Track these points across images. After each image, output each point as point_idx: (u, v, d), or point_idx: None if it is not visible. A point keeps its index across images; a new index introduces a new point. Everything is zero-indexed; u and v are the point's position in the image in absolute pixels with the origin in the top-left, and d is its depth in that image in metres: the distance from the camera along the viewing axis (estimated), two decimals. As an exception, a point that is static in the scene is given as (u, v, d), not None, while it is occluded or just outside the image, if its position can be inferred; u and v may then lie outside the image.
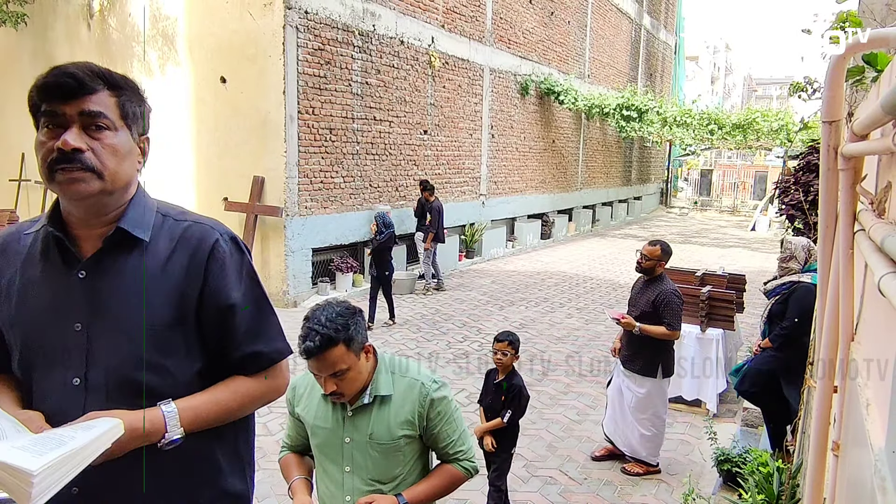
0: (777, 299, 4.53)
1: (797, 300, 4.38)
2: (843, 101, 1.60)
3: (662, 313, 4.35)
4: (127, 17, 9.95)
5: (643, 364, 4.49)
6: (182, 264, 1.51)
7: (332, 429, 2.11)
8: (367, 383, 2.05)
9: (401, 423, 2.06)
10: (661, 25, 27.12)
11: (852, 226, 1.50)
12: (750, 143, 16.91)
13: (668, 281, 4.48)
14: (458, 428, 2.15)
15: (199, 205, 9.76)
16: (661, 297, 4.37)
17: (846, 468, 1.46)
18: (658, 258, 4.45)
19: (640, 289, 4.58)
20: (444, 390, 2.13)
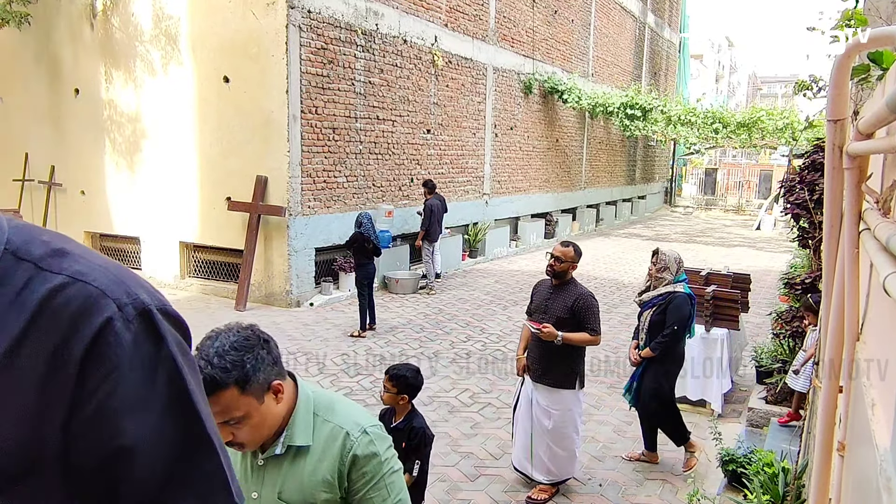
0: (655, 310, 4.58)
1: (675, 309, 4.49)
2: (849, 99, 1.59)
3: (584, 318, 4.12)
4: (130, 17, 9.96)
5: (561, 376, 4.17)
6: (38, 362, 0.74)
7: (239, 480, 1.73)
8: (281, 428, 1.68)
9: (317, 482, 1.67)
10: (666, 24, 27.05)
11: (857, 225, 1.49)
12: (755, 142, 16.85)
13: (580, 283, 4.30)
14: (389, 496, 1.71)
15: (202, 205, 9.78)
16: (580, 302, 4.14)
17: (851, 468, 1.45)
18: (571, 260, 4.23)
19: (550, 294, 4.27)
20: (375, 445, 1.70)
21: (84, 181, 10.98)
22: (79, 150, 10.91)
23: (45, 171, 11.25)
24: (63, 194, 11.26)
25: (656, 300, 4.59)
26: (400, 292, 10.50)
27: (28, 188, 11.55)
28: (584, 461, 4.82)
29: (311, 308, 9.29)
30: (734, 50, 71.66)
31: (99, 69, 10.43)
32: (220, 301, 9.53)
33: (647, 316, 4.63)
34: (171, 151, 9.92)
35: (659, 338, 4.51)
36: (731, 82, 71.63)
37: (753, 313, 8.60)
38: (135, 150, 10.31)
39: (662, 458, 4.91)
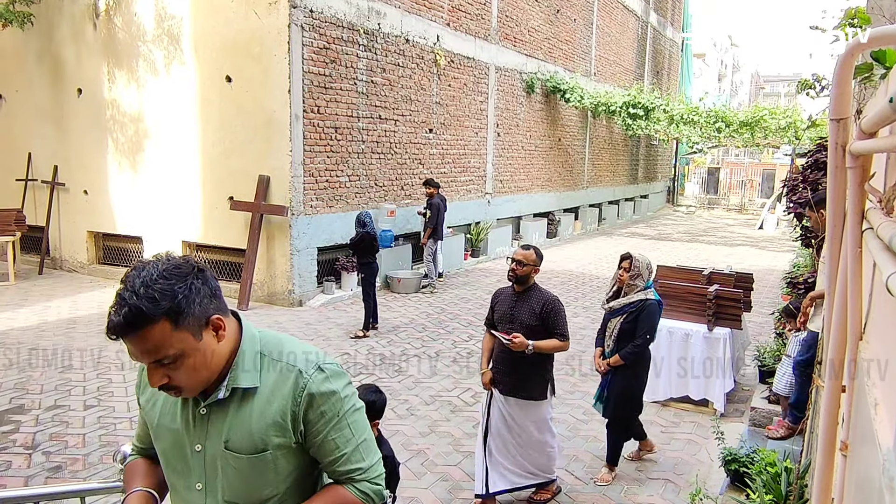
0: (626, 317, 4.42)
1: (648, 318, 4.37)
2: (852, 98, 1.59)
3: (552, 324, 3.93)
4: (132, 17, 9.98)
5: (535, 387, 3.98)
6: None
7: (180, 431, 1.57)
8: (224, 371, 1.52)
9: (267, 426, 1.52)
10: (668, 23, 27.01)
11: (860, 224, 1.49)
12: (758, 141, 16.82)
13: (543, 288, 4.07)
14: (353, 436, 1.60)
15: (205, 204, 9.79)
16: (548, 307, 3.94)
17: (854, 468, 1.45)
18: (534, 263, 3.98)
19: (514, 302, 4.03)
20: (333, 382, 1.57)
21: (87, 181, 11.00)
22: (82, 150, 10.92)
23: (48, 171, 11.27)
24: (66, 194, 11.28)
25: (628, 308, 4.43)
26: (402, 291, 10.50)
27: (31, 188, 11.57)
28: (587, 461, 4.82)
29: (313, 308, 9.29)
30: (737, 49, 71.53)
31: (102, 69, 10.44)
32: (222, 300, 9.52)
33: (616, 323, 4.47)
34: (173, 151, 9.93)
35: (630, 347, 4.36)
36: (734, 81, 71.49)
37: (756, 313, 8.59)
38: (137, 149, 10.32)
39: (665, 457, 4.91)
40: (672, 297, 5.90)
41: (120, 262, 11.18)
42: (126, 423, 5.23)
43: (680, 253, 15.42)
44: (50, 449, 4.77)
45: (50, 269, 11.48)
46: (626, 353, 4.38)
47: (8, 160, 11.78)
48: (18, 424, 5.16)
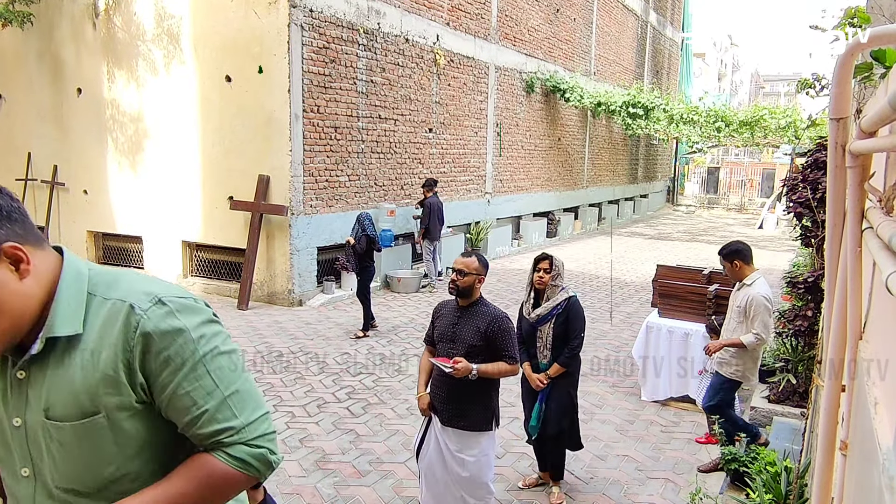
0: (555, 321, 4.08)
1: (577, 316, 4.11)
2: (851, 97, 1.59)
3: (500, 345, 3.42)
4: (132, 16, 9.97)
5: (477, 418, 3.45)
6: None
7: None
8: (35, 318, 1.19)
9: (96, 382, 1.20)
10: (668, 22, 27.00)
11: (860, 223, 1.49)
12: (757, 141, 16.82)
13: (490, 303, 3.57)
14: (217, 387, 1.24)
15: (205, 204, 9.79)
16: (495, 325, 3.42)
17: (854, 467, 1.45)
18: (477, 272, 3.47)
19: (457, 318, 3.52)
20: (179, 318, 1.23)
21: (87, 181, 10.99)
22: (81, 150, 10.92)
23: (47, 171, 11.27)
24: (66, 194, 11.28)
25: (555, 311, 4.09)
26: (402, 291, 10.50)
27: (31, 187, 11.57)
28: (587, 460, 4.82)
29: (313, 307, 9.29)
30: (737, 48, 71.52)
31: (101, 69, 10.44)
32: (222, 300, 9.54)
33: (548, 330, 4.11)
34: (173, 151, 9.93)
35: (568, 351, 4.08)
36: (734, 81, 71.49)
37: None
38: (137, 149, 10.32)
39: (665, 456, 4.91)
40: (672, 296, 5.91)
41: (120, 261, 11.18)
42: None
43: (680, 252, 15.42)
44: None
45: (50, 269, 11.46)
46: (567, 358, 4.09)
47: (8, 160, 11.78)
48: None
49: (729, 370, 4.55)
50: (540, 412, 4.14)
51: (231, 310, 8.99)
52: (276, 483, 4.32)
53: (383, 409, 5.67)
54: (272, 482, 4.32)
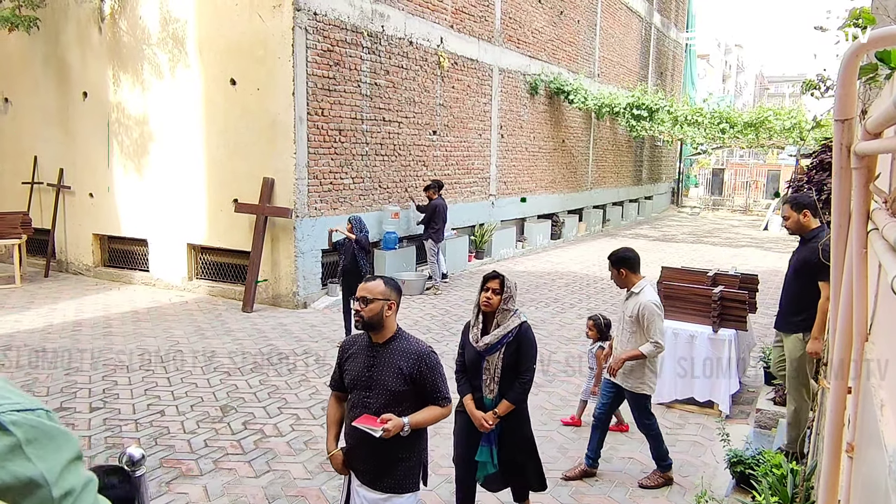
0: (506, 350, 3.50)
1: (530, 344, 3.57)
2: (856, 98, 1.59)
3: (431, 387, 2.85)
4: (137, 20, 10.02)
5: (404, 477, 2.88)
6: None
7: None
8: None
9: None
10: (672, 24, 26.98)
11: (866, 225, 1.49)
12: (762, 142, 16.78)
13: (411, 335, 2.98)
14: None
15: (210, 206, 9.82)
16: (421, 364, 2.82)
17: (861, 469, 1.45)
18: (385, 297, 2.84)
19: (372, 359, 2.85)
20: (29, 457, 0.77)
21: (92, 184, 11.04)
22: (87, 153, 10.97)
23: (53, 174, 11.32)
24: (71, 197, 11.33)
25: (506, 339, 3.49)
26: (406, 293, 10.50)
27: (37, 191, 11.63)
28: (592, 462, 4.80)
29: (317, 310, 9.30)
30: (741, 49, 71.38)
31: (107, 72, 10.49)
32: (227, 303, 9.56)
33: (496, 360, 3.50)
34: (178, 154, 9.96)
35: (519, 386, 3.51)
36: (738, 82, 71.34)
37: (761, 314, 8.55)
38: (142, 152, 10.36)
39: (671, 458, 4.88)
40: (677, 298, 5.89)
41: (125, 264, 11.22)
42: (132, 426, 5.24)
43: (684, 254, 15.38)
44: (56, 451, 4.78)
45: (56, 272, 11.52)
46: (519, 394, 3.51)
47: (14, 163, 11.84)
48: (25, 426, 5.17)
49: (633, 384, 4.42)
50: (492, 455, 3.53)
51: (236, 312, 9.01)
52: (280, 486, 4.32)
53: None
54: (277, 484, 4.33)
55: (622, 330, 4.51)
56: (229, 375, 6.45)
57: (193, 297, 9.92)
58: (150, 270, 10.72)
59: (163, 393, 5.94)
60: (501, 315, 3.53)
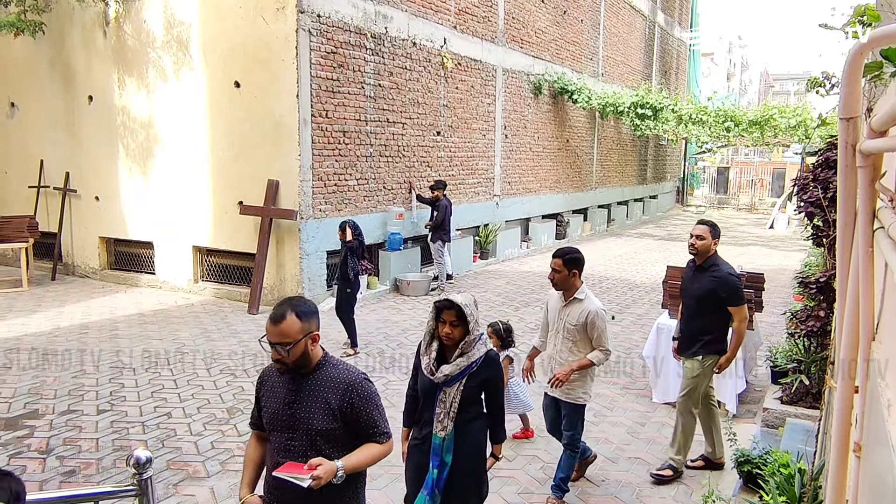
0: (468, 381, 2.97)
1: (498, 372, 3.08)
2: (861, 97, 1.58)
3: (367, 421, 2.41)
4: (142, 24, 10.06)
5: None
6: None
7: None
8: None
9: None
10: (676, 22, 26.91)
11: (872, 223, 1.48)
12: (767, 140, 16.72)
13: (339, 361, 2.50)
14: None
15: (215, 209, 9.85)
16: (353, 395, 2.38)
17: (868, 469, 1.44)
18: (308, 332, 2.35)
19: (293, 394, 2.39)
20: None
21: (98, 187, 11.09)
22: (93, 157, 11.02)
23: (59, 178, 11.37)
24: (78, 200, 11.38)
25: (469, 370, 2.96)
26: (412, 294, 10.51)
27: (43, 194, 11.68)
28: (598, 463, 4.80)
29: (323, 311, 9.32)
30: (745, 47, 71.14)
31: (112, 76, 10.54)
32: (232, 305, 9.58)
33: (454, 393, 2.96)
34: (183, 156, 10.00)
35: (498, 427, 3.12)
36: (743, 80, 71.11)
37: (767, 313, 8.53)
38: (148, 155, 10.40)
39: (677, 460, 4.87)
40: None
41: (132, 267, 11.26)
42: (139, 428, 5.26)
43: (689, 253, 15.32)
44: (64, 453, 4.81)
45: (62, 275, 11.58)
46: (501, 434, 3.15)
47: (20, 167, 11.90)
48: (33, 429, 5.21)
49: (575, 395, 4.11)
50: (434, 495, 2.95)
51: (241, 314, 9.03)
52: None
53: (394, 412, 5.66)
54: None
55: (559, 339, 4.12)
56: (235, 377, 6.47)
57: (199, 300, 9.95)
58: (156, 273, 10.76)
59: (169, 395, 5.96)
60: (466, 343, 2.97)
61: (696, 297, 4.50)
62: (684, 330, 4.65)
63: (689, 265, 4.68)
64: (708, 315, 4.45)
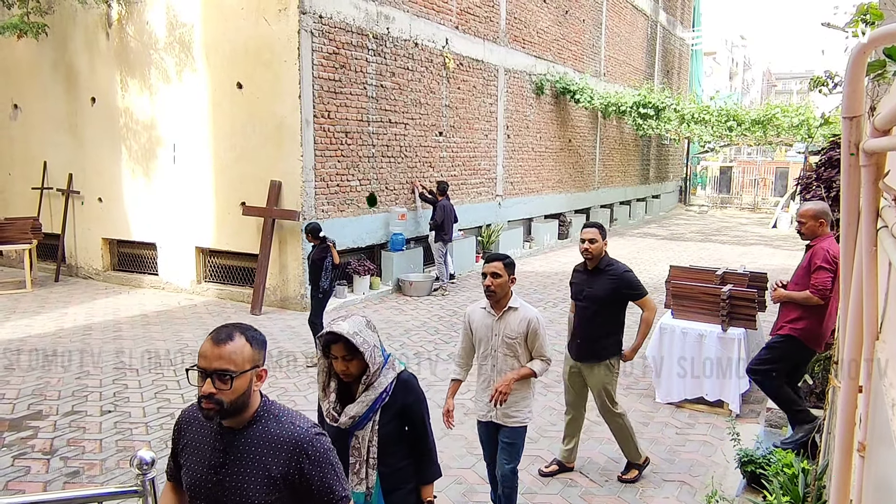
0: (381, 418, 2.51)
1: (417, 397, 2.59)
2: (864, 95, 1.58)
3: (323, 487, 1.92)
4: (144, 25, 10.08)
5: None
6: None
7: None
8: None
9: None
10: (678, 21, 26.88)
11: (875, 223, 1.48)
12: (770, 139, 16.69)
13: (283, 409, 2.00)
14: None
15: (217, 210, 9.86)
16: (309, 455, 1.91)
17: (872, 469, 1.44)
18: (256, 364, 1.93)
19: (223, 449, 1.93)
20: None
21: (101, 188, 11.11)
22: (96, 158, 11.05)
23: (63, 179, 11.40)
24: (81, 202, 11.41)
25: (379, 402, 2.46)
26: (414, 295, 10.51)
27: (47, 196, 11.72)
28: (601, 463, 4.79)
29: (325, 311, 9.31)
30: (748, 46, 71.04)
31: (115, 77, 10.56)
32: (235, 305, 9.60)
33: (369, 435, 2.46)
34: (186, 157, 10.02)
35: (425, 462, 2.62)
36: (746, 79, 70.99)
37: (770, 312, 8.47)
38: (150, 156, 10.42)
39: (680, 458, 4.87)
40: (685, 297, 5.87)
41: (134, 268, 11.28)
42: (142, 429, 5.27)
43: (693, 253, 15.32)
44: (68, 454, 4.82)
45: (66, 276, 11.60)
46: (434, 472, 2.65)
47: (24, 169, 11.94)
48: (36, 430, 5.22)
49: (521, 416, 3.64)
50: None
51: (244, 315, 9.04)
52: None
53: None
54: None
55: (497, 358, 3.60)
56: (238, 378, 6.47)
57: (202, 301, 9.96)
58: (159, 274, 10.78)
59: (172, 396, 5.97)
60: (369, 376, 2.45)
61: (597, 299, 4.36)
62: (583, 335, 4.44)
63: (581, 269, 4.54)
64: (609, 316, 4.40)
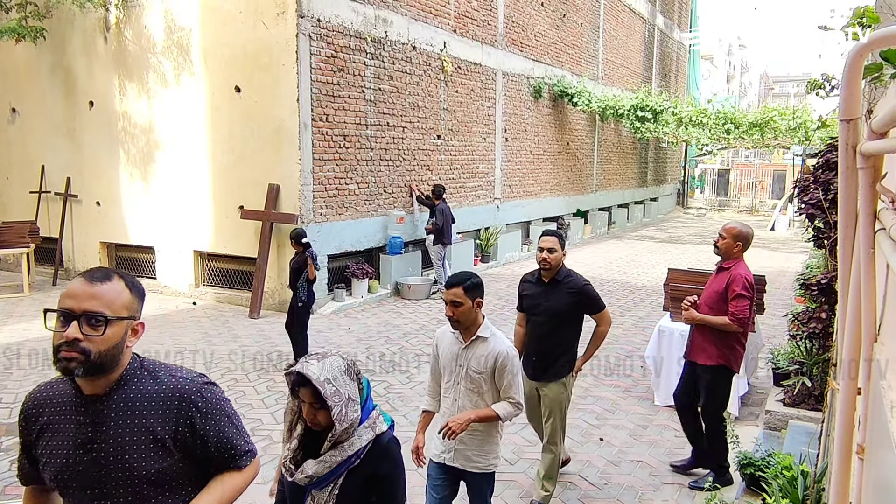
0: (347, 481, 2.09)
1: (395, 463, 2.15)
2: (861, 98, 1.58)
3: (221, 441, 1.76)
4: (143, 29, 10.09)
5: None
6: None
7: None
8: None
9: None
10: (675, 25, 26.95)
11: (873, 225, 1.48)
12: (767, 142, 16.72)
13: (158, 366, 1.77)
14: None
15: (216, 213, 9.86)
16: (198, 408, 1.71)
17: (872, 471, 1.44)
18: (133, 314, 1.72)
19: (88, 421, 1.65)
20: None
21: (99, 192, 11.10)
22: (94, 162, 11.04)
23: (61, 183, 11.39)
24: (79, 205, 11.39)
25: (347, 465, 2.07)
26: (412, 298, 10.51)
27: (45, 200, 11.70)
28: (601, 466, 4.79)
29: (324, 315, 9.31)
30: (745, 50, 71.21)
31: (113, 81, 10.56)
32: (233, 309, 9.58)
33: (325, 499, 2.09)
34: (184, 161, 10.01)
35: None
36: (743, 82, 71.15)
37: (769, 315, 8.53)
38: (149, 160, 10.41)
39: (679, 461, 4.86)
40: (684, 299, 5.86)
41: (132, 271, 11.27)
42: (140, 433, 5.25)
43: (691, 255, 15.33)
44: (65, 459, 4.80)
45: (64, 280, 11.58)
46: None
47: (22, 173, 11.92)
48: (34, 435, 5.20)
49: (486, 461, 3.15)
50: None
51: (243, 318, 9.03)
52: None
53: (395, 416, 5.66)
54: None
55: (459, 391, 3.14)
56: (237, 381, 6.47)
57: (200, 304, 9.95)
58: (157, 278, 10.76)
59: (171, 400, 5.95)
60: (338, 433, 2.02)
61: (555, 313, 4.06)
62: (538, 351, 4.09)
63: (533, 280, 4.21)
64: (566, 331, 4.11)
